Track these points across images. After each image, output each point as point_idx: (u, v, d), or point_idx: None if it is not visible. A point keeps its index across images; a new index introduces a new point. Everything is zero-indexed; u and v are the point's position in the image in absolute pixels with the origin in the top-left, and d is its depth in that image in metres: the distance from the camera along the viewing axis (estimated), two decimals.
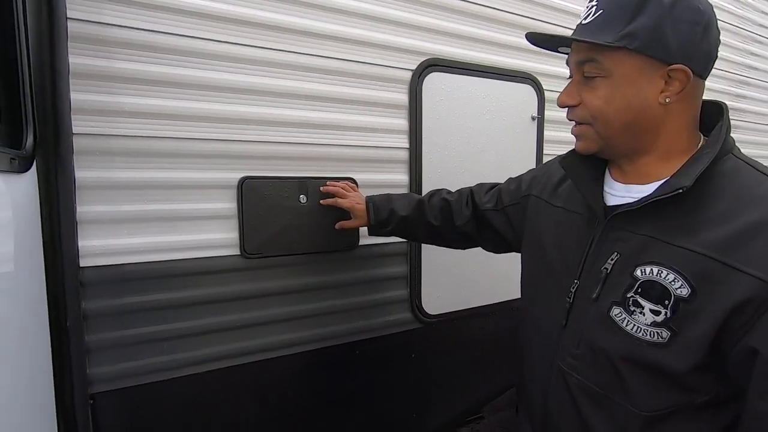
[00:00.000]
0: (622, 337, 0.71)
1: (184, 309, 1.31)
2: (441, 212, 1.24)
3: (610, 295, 0.73)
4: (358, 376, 1.64)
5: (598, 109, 0.72)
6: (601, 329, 0.74)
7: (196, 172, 1.30)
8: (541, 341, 0.88)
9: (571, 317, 0.80)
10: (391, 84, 1.59)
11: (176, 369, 1.31)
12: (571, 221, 0.86)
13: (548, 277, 0.88)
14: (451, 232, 1.24)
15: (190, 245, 1.31)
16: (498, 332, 1.96)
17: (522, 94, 1.87)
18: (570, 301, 0.80)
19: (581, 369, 0.77)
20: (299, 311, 1.49)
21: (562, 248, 0.86)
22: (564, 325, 0.81)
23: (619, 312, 0.71)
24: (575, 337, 0.78)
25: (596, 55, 0.71)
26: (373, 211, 1.29)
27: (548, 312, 0.86)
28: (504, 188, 1.14)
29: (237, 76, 1.33)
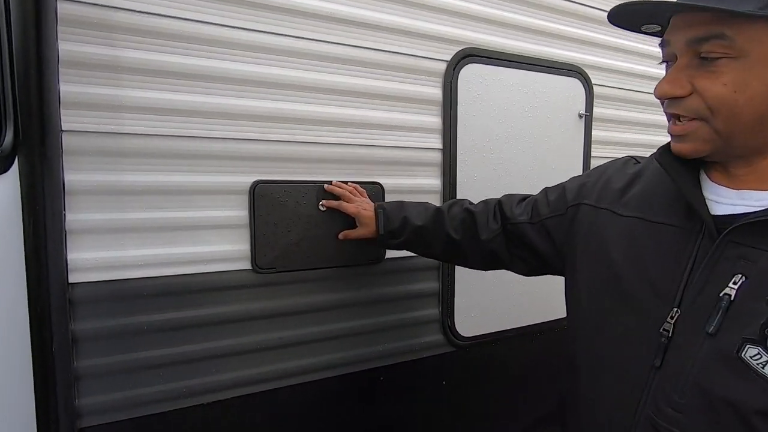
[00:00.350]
0: (763, 385, 0.55)
1: (187, 331, 1.15)
2: (462, 224, 1.07)
3: (736, 330, 0.58)
4: (383, 406, 1.45)
5: (722, 100, 0.57)
6: (724, 374, 0.58)
7: (202, 175, 1.15)
8: (615, 381, 0.71)
9: (669, 356, 0.64)
10: (423, 77, 1.40)
11: (177, 399, 1.15)
12: (656, 235, 0.70)
13: (624, 304, 0.71)
14: (474, 248, 1.06)
15: (195, 258, 1.15)
16: (542, 357, 1.74)
17: (568, 88, 1.66)
18: (668, 335, 0.64)
19: (688, 425, 0.61)
20: (317, 333, 1.31)
21: (644, 268, 0.70)
22: (659, 366, 0.65)
23: (757, 353, 0.55)
24: (678, 382, 0.62)
25: (726, 29, 0.55)
26: (383, 219, 1.14)
27: (629, 348, 0.69)
28: (540, 199, 0.97)
29: (249, 66, 1.17)
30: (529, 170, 1.61)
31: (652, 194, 0.73)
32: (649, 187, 0.75)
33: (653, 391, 0.65)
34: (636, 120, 1.85)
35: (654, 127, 1.90)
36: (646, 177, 0.77)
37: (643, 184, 0.77)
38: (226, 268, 1.19)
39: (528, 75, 1.57)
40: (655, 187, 0.74)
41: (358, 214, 1.20)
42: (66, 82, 1.00)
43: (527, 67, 1.57)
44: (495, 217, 1.02)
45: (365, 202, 1.24)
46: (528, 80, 1.57)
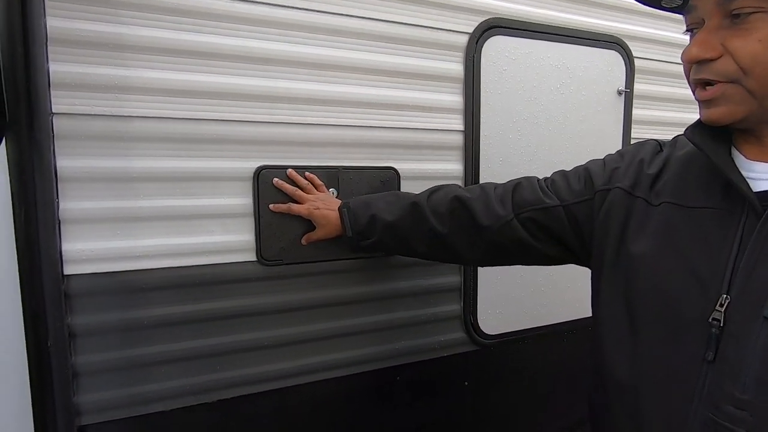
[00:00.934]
0: None
1: (189, 326, 1.09)
2: (451, 214, 0.94)
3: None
4: (400, 407, 1.36)
5: (757, 57, 0.54)
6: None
7: (202, 160, 1.07)
8: (660, 387, 0.64)
9: (723, 347, 0.58)
10: (443, 51, 1.28)
11: (180, 398, 1.09)
12: (693, 220, 0.65)
13: (664, 299, 0.65)
14: (470, 241, 0.93)
15: (197, 250, 1.08)
16: (574, 358, 1.61)
17: (606, 62, 1.50)
18: (719, 324, 0.59)
19: (756, 423, 0.55)
20: (328, 330, 1.23)
21: (683, 257, 0.64)
22: (711, 360, 0.59)
23: None
24: (738, 376, 0.56)
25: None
26: (349, 218, 1.02)
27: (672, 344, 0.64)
28: (559, 182, 0.88)
29: (252, 42, 1.08)
30: (561, 154, 1.47)
31: (684, 179, 0.69)
32: (679, 171, 0.70)
33: (708, 387, 0.60)
34: (683, 97, 1.66)
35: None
36: (673, 162, 0.72)
37: (673, 169, 0.71)
38: (230, 260, 1.11)
39: (560, 48, 1.42)
40: (686, 171, 0.69)
41: (310, 215, 1.07)
42: (55, 60, 0.93)
43: (559, 38, 1.41)
44: (503, 203, 0.91)
45: (320, 199, 1.09)
46: (560, 53, 1.42)
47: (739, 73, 0.56)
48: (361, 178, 1.20)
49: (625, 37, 1.52)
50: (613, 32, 1.50)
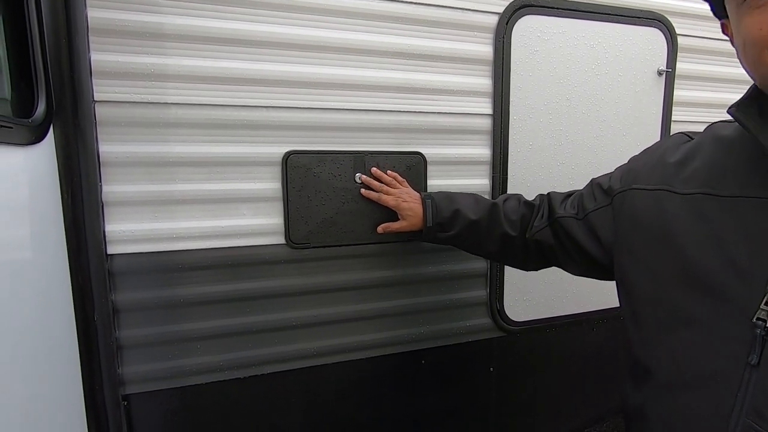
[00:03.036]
0: None
1: (222, 305, 1.14)
2: (522, 220, 0.99)
3: None
4: (425, 391, 1.38)
5: None
6: None
7: (234, 145, 1.10)
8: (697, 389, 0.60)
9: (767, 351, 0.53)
10: (471, 32, 1.25)
11: (214, 372, 1.15)
12: (733, 210, 0.59)
13: (701, 294, 0.60)
14: (526, 245, 0.99)
15: (230, 232, 1.12)
16: (604, 348, 1.57)
17: (646, 40, 1.42)
18: (764, 325, 0.53)
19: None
20: (355, 312, 1.25)
21: (723, 250, 0.58)
22: (756, 364, 0.54)
23: None
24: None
25: None
26: (432, 209, 1.05)
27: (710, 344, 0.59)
28: (586, 192, 0.89)
29: (282, 28, 1.09)
30: (596, 138, 1.42)
31: (719, 166, 0.63)
32: (713, 159, 0.64)
33: (751, 393, 0.55)
34: (730, 76, 1.56)
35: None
36: (707, 149, 0.66)
37: (705, 156, 0.65)
38: (260, 242, 1.15)
39: (596, 26, 1.36)
40: (722, 158, 0.63)
41: (397, 207, 1.11)
42: (97, 50, 0.98)
43: (595, 16, 1.35)
44: (541, 214, 0.96)
45: (405, 192, 1.14)
46: (596, 32, 1.36)
47: None
48: (387, 163, 1.21)
49: (668, 12, 1.43)
50: (654, 8, 1.42)
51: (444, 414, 1.41)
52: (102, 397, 1.05)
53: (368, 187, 1.18)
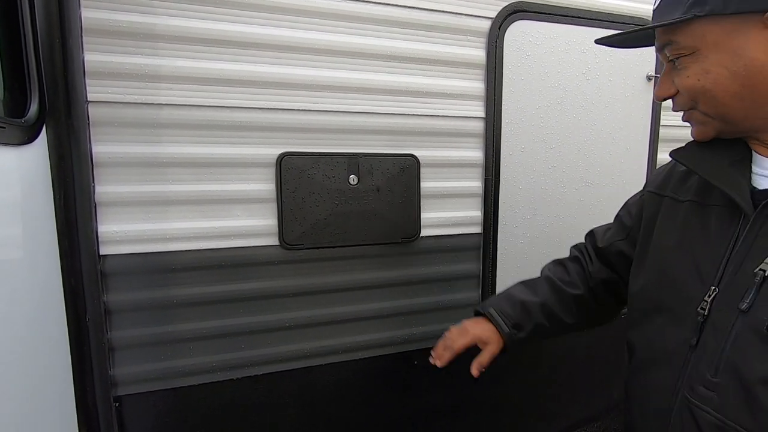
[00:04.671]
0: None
1: (216, 306, 1.14)
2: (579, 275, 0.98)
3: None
4: (417, 392, 1.39)
5: (693, 89, 0.63)
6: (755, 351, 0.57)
7: (228, 146, 1.11)
8: (659, 365, 0.71)
9: (705, 334, 0.64)
10: (465, 36, 1.27)
11: (207, 373, 1.15)
12: (704, 216, 0.69)
13: (670, 286, 0.71)
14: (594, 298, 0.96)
15: (223, 233, 1.13)
16: (595, 345, 1.60)
17: None
18: (704, 313, 0.64)
19: (720, 404, 0.60)
20: (347, 313, 1.26)
21: (690, 249, 0.69)
22: (694, 345, 0.65)
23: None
24: (712, 361, 0.62)
25: (672, 36, 0.63)
26: (500, 317, 0.95)
27: (671, 328, 0.70)
28: (623, 212, 0.94)
29: (276, 30, 1.10)
30: (586, 142, 1.44)
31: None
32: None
33: (689, 371, 0.65)
34: None
35: None
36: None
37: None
38: (254, 243, 1.15)
39: (587, 31, 1.38)
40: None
41: (473, 341, 0.97)
42: (90, 51, 0.98)
43: (586, 22, 1.37)
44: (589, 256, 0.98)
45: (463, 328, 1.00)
46: (587, 38, 1.38)
47: (692, 102, 0.65)
48: (381, 165, 1.22)
49: None
50: (643, 14, 1.44)
51: (437, 414, 1.42)
52: (93, 398, 1.04)
53: None
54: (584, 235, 1.01)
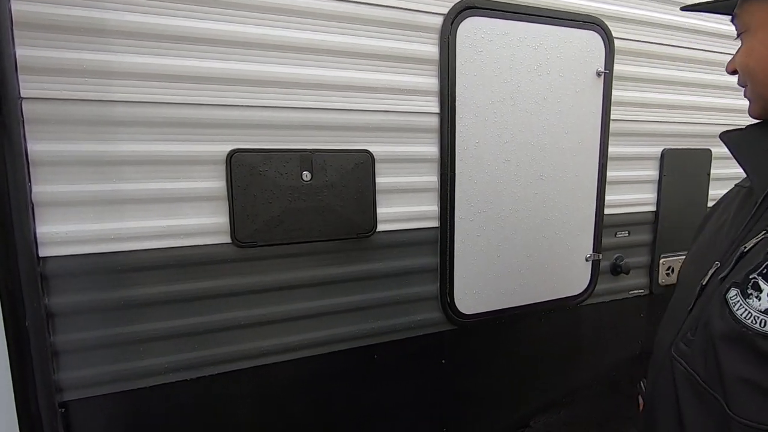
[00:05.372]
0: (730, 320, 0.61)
1: (166, 306, 1.12)
2: None
3: (734, 277, 0.64)
4: (377, 386, 1.40)
5: (741, 65, 0.68)
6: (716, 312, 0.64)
7: (175, 144, 1.08)
8: (667, 326, 0.79)
9: (698, 301, 0.70)
10: (417, 33, 1.28)
11: (160, 375, 1.13)
12: (737, 199, 0.75)
13: (693, 260, 0.79)
14: None
15: (171, 232, 1.10)
16: (551, 338, 1.64)
17: (585, 43, 1.49)
18: (703, 283, 0.70)
19: (690, 357, 0.68)
20: (304, 310, 1.26)
21: (717, 228, 0.76)
22: (690, 309, 0.72)
23: (734, 294, 0.62)
24: (694, 322, 0.69)
25: (737, 11, 0.68)
26: None
27: (683, 296, 0.76)
28: None
29: (225, 26, 1.08)
30: (539, 136, 1.47)
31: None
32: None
33: (681, 331, 0.72)
34: (664, 78, 1.66)
35: (685, 85, 1.70)
36: None
37: None
38: (205, 242, 1.13)
39: (538, 28, 1.41)
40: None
41: None
42: (23, 45, 0.94)
43: (536, 19, 1.40)
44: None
45: None
46: (538, 34, 1.42)
47: (744, 79, 0.69)
48: (334, 161, 1.22)
49: (605, 16, 1.51)
50: (592, 12, 1.49)
51: (397, 407, 1.44)
52: (37, 405, 1.01)
53: None
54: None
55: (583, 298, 1.66)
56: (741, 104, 1.92)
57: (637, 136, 1.65)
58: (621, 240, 1.70)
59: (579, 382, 1.79)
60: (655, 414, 0.75)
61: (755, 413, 0.58)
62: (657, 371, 0.76)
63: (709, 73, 1.74)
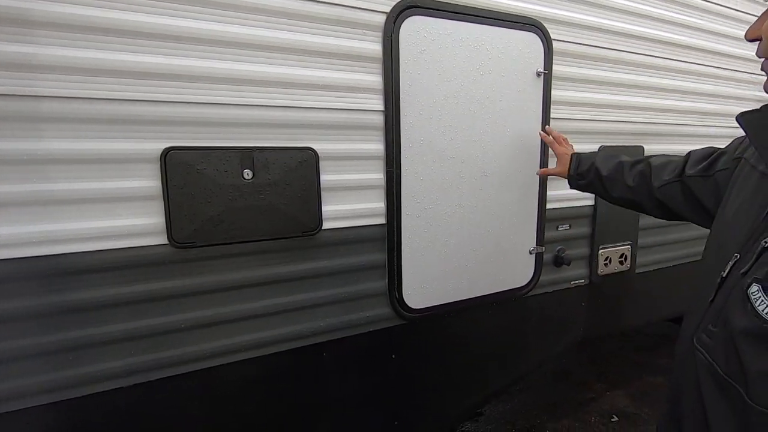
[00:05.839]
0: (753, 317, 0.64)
1: (101, 311, 1.07)
2: (641, 175, 1.15)
3: (756, 272, 0.65)
4: (328, 383, 1.40)
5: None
6: (738, 307, 0.67)
7: (105, 141, 1.04)
8: (690, 316, 0.82)
9: (719, 293, 0.73)
10: (360, 30, 1.28)
11: (96, 383, 1.09)
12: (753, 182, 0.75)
13: (714, 249, 0.80)
14: (647, 196, 1.14)
15: (105, 233, 1.06)
16: (498, 329, 1.70)
17: (525, 44, 1.55)
18: (723, 275, 0.72)
19: (712, 349, 0.71)
20: (251, 310, 1.24)
21: (737, 216, 0.76)
22: (711, 301, 0.74)
23: (756, 290, 0.64)
24: (716, 314, 0.72)
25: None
26: (575, 161, 1.35)
27: (704, 286, 0.78)
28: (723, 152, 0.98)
29: (159, 19, 1.04)
30: (483, 133, 1.52)
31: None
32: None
33: (703, 322, 0.75)
34: (601, 79, 1.75)
35: (620, 86, 1.80)
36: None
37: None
38: (139, 243, 1.09)
39: (479, 29, 1.45)
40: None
41: (561, 155, 1.42)
42: None
43: (478, 19, 1.44)
44: (674, 169, 1.07)
45: (568, 148, 1.46)
46: (479, 35, 1.45)
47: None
48: (277, 159, 1.20)
49: (543, 19, 1.57)
50: (531, 14, 1.54)
51: (349, 403, 1.45)
52: None
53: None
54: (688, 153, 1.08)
55: (527, 290, 1.73)
56: (673, 105, 2.05)
57: (576, 133, 1.73)
58: (562, 233, 1.79)
59: (526, 370, 1.86)
60: (680, 399, 0.80)
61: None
62: (681, 359, 0.81)
63: (642, 75, 1.85)
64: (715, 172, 0.95)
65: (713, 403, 0.70)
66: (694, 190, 1.00)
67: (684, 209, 1.04)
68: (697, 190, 0.99)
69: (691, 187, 1.01)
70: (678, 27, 1.91)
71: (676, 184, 1.05)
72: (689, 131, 2.08)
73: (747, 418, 0.64)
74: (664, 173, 1.08)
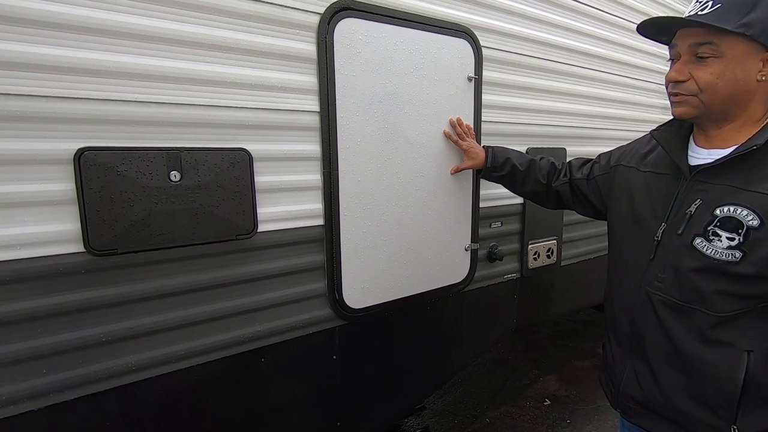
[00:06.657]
0: (703, 259, 0.93)
1: (6, 328, 0.97)
2: (548, 174, 1.45)
3: (693, 230, 0.95)
4: (268, 388, 1.37)
5: (709, 83, 0.90)
6: (684, 255, 0.96)
7: (11, 141, 0.94)
8: (629, 274, 1.10)
9: (658, 251, 1.02)
10: (294, 30, 1.27)
11: (4, 407, 0.98)
12: (659, 181, 1.07)
13: (638, 226, 1.08)
14: (550, 192, 1.45)
15: (11, 242, 0.96)
16: (437, 325, 1.76)
17: (457, 50, 1.61)
18: (658, 239, 1.02)
19: (665, 288, 1.00)
20: (180, 318, 1.18)
21: (651, 202, 1.07)
22: (652, 258, 1.03)
23: (700, 241, 0.94)
24: (661, 265, 1.01)
25: (714, 39, 0.87)
26: (491, 155, 1.54)
27: (638, 251, 1.08)
28: (596, 162, 1.34)
29: (74, 9, 0.96)
30: (418, 135, 1.56)
31: (660, 157, 1.10)
32: (658, 152, 1.11)
33: (647, 275, 1.04)
34: (527, 85, 1.86)
35: (545, 92, 1.93)
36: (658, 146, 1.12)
37: (656, 150, 1.13)
38: (52, 251, 1.01)
39: (413, 33, 1.49)
40: (662, 152, 1.09)
41: (468, 149, 1.59)
42: None
43: (411, 24, 1.48)
44: (565, 174, 1.41)
45: (473, 142, 1.62)
46: (413, 39, 1.49)
47: (698, 91, 0.92)
48: (207, 160, 1.16)
49: (474, 27, 1.64)
50: (462, 22, 1.61)
51: (290, 407, 1.43)
52: None
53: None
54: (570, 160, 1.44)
55: (464, 285, 1.80)
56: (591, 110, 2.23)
57: (505, 136, 1.84)
58: (495, 230, 1.88)
59: (466, 361, 1.94)
60: (642, 336, 1.05)
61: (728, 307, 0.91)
62: (632, 308, 1.07)
63: (564, 83, 2.00)
64: (595, 176, 1.30)
65: (674, 325, 0.98)
66: (582, 189, 1.35)
67: (574, 203, 1.40)
68: (583, 189, 1.34)
69: (579, 187, 1.36)
70: (595, 40, 2.09)
71: (567, 185, 1.40)
72: (605, 134, 2.27)
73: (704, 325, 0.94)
74: (560, 175, 1.42)
